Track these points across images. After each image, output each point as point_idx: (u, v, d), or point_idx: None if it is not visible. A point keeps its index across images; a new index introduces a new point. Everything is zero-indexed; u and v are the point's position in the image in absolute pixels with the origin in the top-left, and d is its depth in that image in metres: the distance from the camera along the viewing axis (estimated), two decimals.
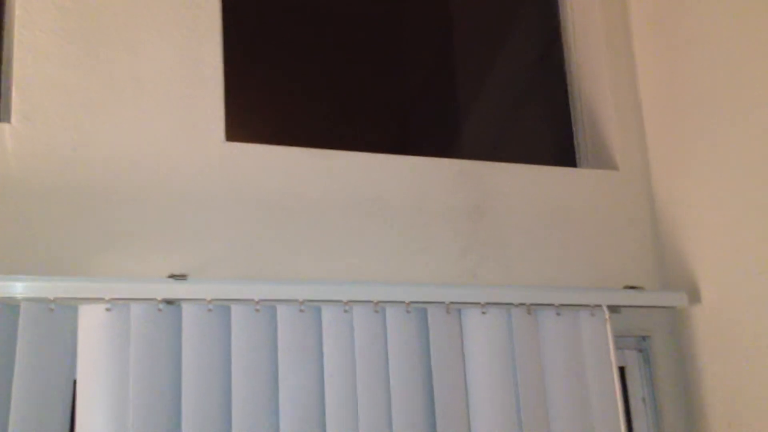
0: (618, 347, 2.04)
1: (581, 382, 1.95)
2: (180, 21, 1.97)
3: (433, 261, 2.04)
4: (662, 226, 2.21)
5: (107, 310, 1.63)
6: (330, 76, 2.34)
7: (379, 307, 1.84)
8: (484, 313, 1.93)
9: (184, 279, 1.72)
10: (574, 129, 2.44)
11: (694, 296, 2.07)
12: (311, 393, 1.74)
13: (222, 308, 1.72)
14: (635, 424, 2.10)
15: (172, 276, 1.72)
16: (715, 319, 2.02)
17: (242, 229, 1.88)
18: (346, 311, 1.81)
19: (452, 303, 1.91)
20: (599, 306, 2.00)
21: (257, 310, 1.74)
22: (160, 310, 1.67)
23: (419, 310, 1.89)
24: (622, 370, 2.13)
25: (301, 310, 1.78)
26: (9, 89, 1.80)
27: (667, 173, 2.22)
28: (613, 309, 2.03)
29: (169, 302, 1.69)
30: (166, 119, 1.90)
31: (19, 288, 1.59)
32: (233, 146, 1.94)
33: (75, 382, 1.62)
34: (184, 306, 1.69)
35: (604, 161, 2.32)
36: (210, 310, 1.70)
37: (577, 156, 2.41)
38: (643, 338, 2.15)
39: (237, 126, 2.01)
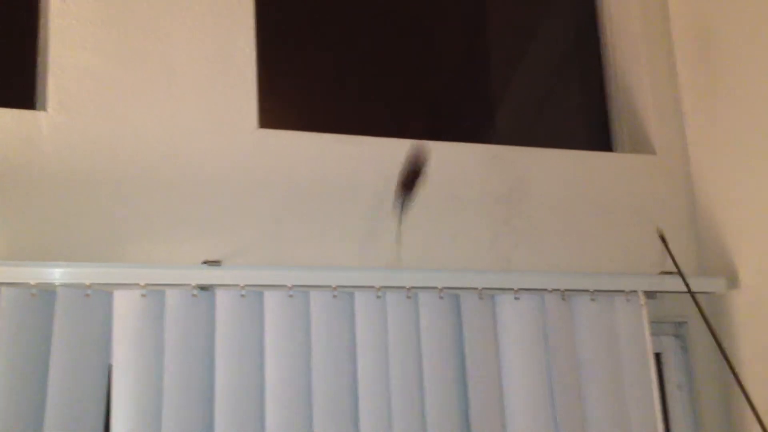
0: (654, 333, 2.02)
1: (616, 369, 1.93)
2: (213, 8, 1.98)
3: (466, 247, 2.03)
4: (700, 211, 2.17)
5: (142, 295, 1.65)
6: (363, 63, 2.33)
7: (411, 293, 1.84)
8: (517, 299, 1.91)
9: (218, 265, 1.73)
10: (610, 113, 2.40)
11: (733, 281, 2.03)
12: (344, 379, 1.74)
13: (255, 294, 1.73)
14: (671, 411, 2.08)
15: (206, 262, 1.74)
16: (753, 304, 1.99)
17: (275, 216, 1.88)
18: (378, 297, 1.81)
19: (485, 289, 1.90)
20: (635, 292, 1.98)
21: (290, 296, 1.74)
22: (194, 295, 1.68)
23: (452, 296, 1.88)
24: (658, 357, 2.10)
25: (334, 296, 1.78)
26: (45, 78, 1.82)
27: (705, 157, 2.18)
28: (649, 295, 2.01)
29: (203, 288, 1.71)
30: (199, 107, 1.91)
31: (56, 274, 1.61)
32: (266, 133, 1.95)
33: (110, 367, 1.64)
34: (218, 292, 1.71)
35: (642, 145, 2.28)
36: (243, 296, 1.71)
37: (613, 140, 2.37)
38: (680, 324, 2.12)
39: (270, 113, 2.02)
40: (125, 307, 1.65)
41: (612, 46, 2.42)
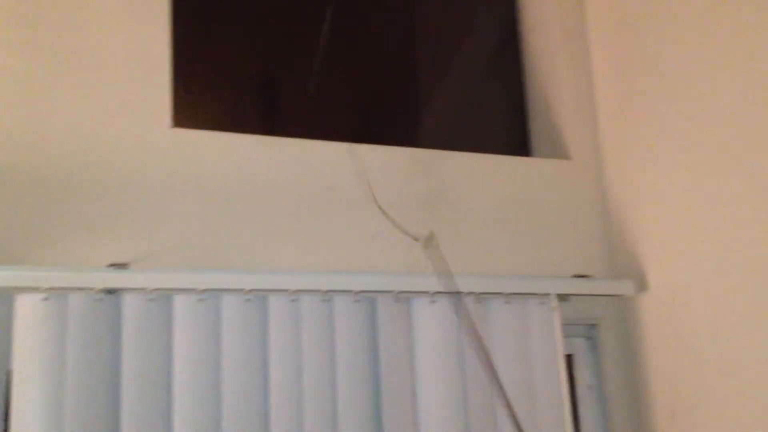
0: (566, 335, 2.06)
1: (528, 370, 1.96)
2: (127, 6, 1.93)
3: (384, 250, 2.03)
4: (612, 215, 2.22)
5: (44, 299, 1.60)
6: (288, 64, 2.32)
7: (326, 296, 1.83)
8: (433, 302, 1.92)
9: (125, 268, 1.69)
10: (529, 119, 2.45)
11: (642, 284, 2.09)
12: (256, 384, 1.72)
13: (164, 298, 1.70)
14: (582, 412, 2.12)
15: (112, 265, 1.70)
16: (661, 306, 2.04)
17: (187, 218, 1.85)
18: (293, 301, 1.80)
19: (401, 292, 1.91)
20: (548, 294, 2.01)
21: (200, 300, 1.72)
22: (99, 299, 1.64)
23: (368, 299, 1.88)
24: (570, 358, 2.15)
25: (247, 300, 1.76)
26: None
27: (618, 163, 2.23)
28: (562, 297, 2.04)
29: (110, 292, 1.67)
30: (111, 105, 1.86)
31: None
32: (180, 132, 1.91)
33: (10, 373, 1.58)
34: (124, 296, 1.66)
35: (557, 151, 2.33)
36: (151, 299, 1.68)
37: (531, 145, 2.41)
38: (592, 326, 2.16)
39: (185, 112, 1.98)
40: (27, 312, 1.60)
41: (531, 55, 2.46)
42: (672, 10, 2.03)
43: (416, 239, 2.00)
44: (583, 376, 2.15)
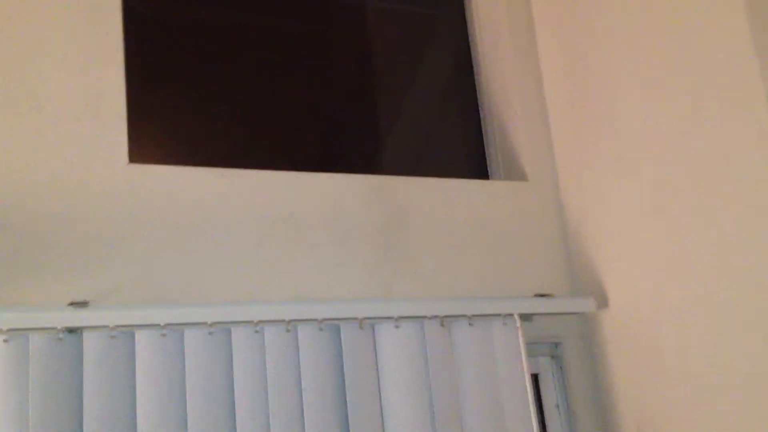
0: (531, 355, 2.08)
1: (495, 391, 1.98)
2: (81, 42, 1.94)
3: (347, 277, 2.04)
4: (570, 234, 2.26)
5: (5, 341, 1.58)
6: (244, 95, 2.33)
7: (290, 325, 1.84)
8: (397, 327, 1.93)
9: (86, 306, 1.68)
10: (486, 143, 2.49)
11: (602, 301, 2.12)
12: (222, 417, 1.71)
13: (126, 334, 1.69)
14: (550, 428, 2.14)
15: (72, 303, 1.68)
16: (622, 322, 2.07)
17: (148, 253, 1.85)
18: (256, 332, 1.80)
19: (365, 318, 1.92)
20: (511, 315, 2.03)
21: (163, 335, 1.71)
22: (60, 339, 1.63)
23: (332, 326, 1.89)
24: (536, 377, 2.17)
25: (210, 333, 1.76)
26: None
27: (574, 182, 2.27)
28: (525, 317, 2.07)
29: (71, 331, 1.66)
30: (66, 142, 1.86)
31: None
32: (137, 168, 1.91)
33: None
34: (86, 334, 1.65)
35: (515, 173, 2.37)
36: (113, 336, 1.67)
37: (489, 168, 2.45)
38: (556, 345, 2.18)
39: (141, 148, 1.99)
40: None
41: (486, 80, 2.51)
42: (621, 35, 2.09)
43: None
44: (550, 395, 2.17)
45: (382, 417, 1.88)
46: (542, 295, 2.13)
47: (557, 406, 2.15)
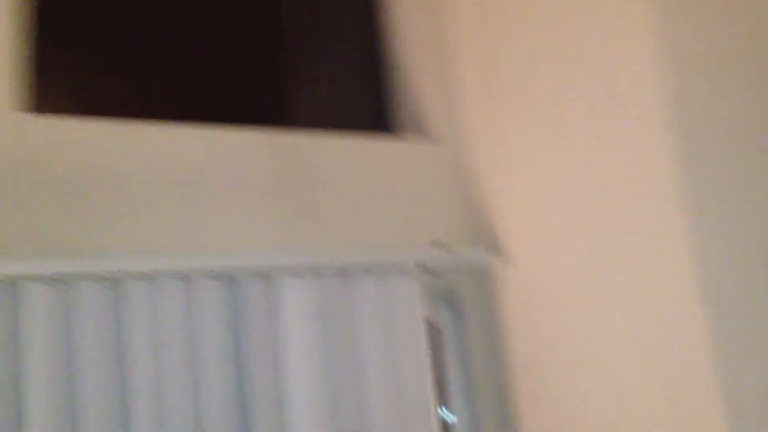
0: (430, 306, 2.11)
1: (394, 342, 2.00)
2: None
3: (247, 232, 2.01)
4: (474, 189, 2.29)
5: None
6: (148, 47, 2.25)
7: (187, 277, 1.80)
8: (297, 278, 1.93)
9: None
10: (395, 101, 2.48)
11: (501, 253, 2.16)
12: (113, 371, 1.67)
13: (11, 287, 1.62)
14: (449, 381, 2.18)
15: None
16: (520, 274, 2.12)
17: (40, 206, 1.77)
18: (151, 283, 1.76)
19: (265, 270, 1.90)
20: (411, 266, 2.06)
21: (53, 288, 1.65)
22: None
23: (231, 279, 1.86)
24: (435, 329, 2.20)
25: (102, 285, 1.70)
26: None
27: (477, 137, 2.30)
28: (425, 269, 2.09)
29: None
30: None
31: None
32: (29, 119, 1.82)
33: None
34: None
35: (420, 129, 2.38)
36: None
37: (394, 125, 2.45)
38: (455, 296, 2.22)
39: (35, 98, 1.90)
40: None
41: (395, 35, 2.50)
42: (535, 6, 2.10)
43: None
44: (449, 346, 2.21)
45: (282, 367, 1.87)
46: (443, 248, 2.16)
47: (456, 356, 2.19)
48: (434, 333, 2.17)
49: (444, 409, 2.17)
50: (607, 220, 1.82)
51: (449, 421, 2.18)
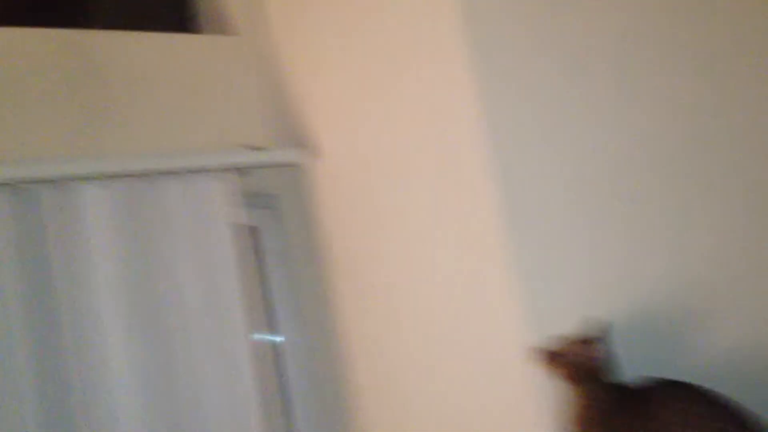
0: (248, 207, 2.10)
1: (210, 246, 1.98)
2: None
3: (45, 138, 1.89)
4: (284, 87, 2.26)
5: None
6: None
7: None
8: (103, 187, 1.85)
9: None
10: None
11: (315, 152, 2.17)
12: None
13: None
14: (271, 279, 2.20)
15: None
16: (335, 172, 2.14)
17: None
18: None
19: (66, 178, 1.80)
20: (224, 168, 2.02)
21: None
22: None
23: (28, 190, 1.75)
24: (255, 229, 2.20)
25: None
26: None
27: (284, 33, 2.25)
28: (239, 170, 2.06)
29: None
30: None
31: None
32: None
33: None
34: None
35: (224, 26, 2.30)
36: None
37: (197, 21, 2.36)
38: (272, 197, 2.21)
39: None
40: None
41: None
42: None
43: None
44: (269, 246, 2.21)
45: (90, 280, 1.80)
46: (255, 148, 2.13)
47: (277, 255, 2.21)
48: (252, 235, 2.17)
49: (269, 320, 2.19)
50: (418, 110, 1.85)
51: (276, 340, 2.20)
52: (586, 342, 1.40)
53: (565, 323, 1.46)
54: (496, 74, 1.63)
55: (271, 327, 2.18)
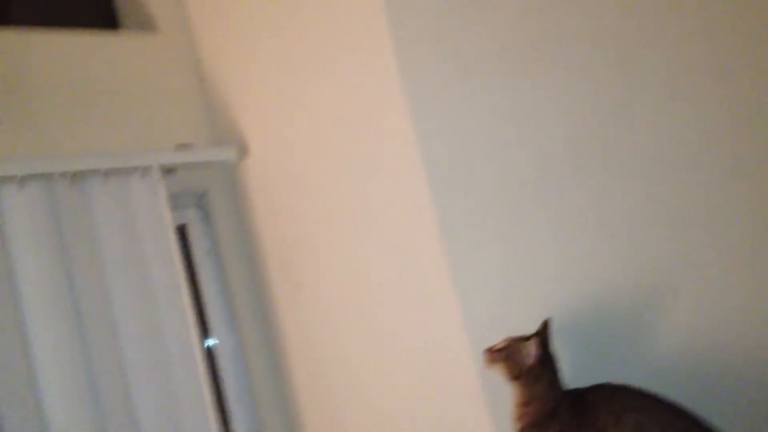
0: (177, 207, 2.07)
1: (138, 246, 1.94)
2: None
3: None
4: (209, 84, 2.24)
5: None
6: None
7: None
8: (22, 187, 1.80)
9: None
10: None
11: (244, 150, 2.15)
12: None
13: None
14: (202, 277, 2.17)
15: None
16: (263, 169, 2.13)
17: None
18: None
19: None
20: (150, 167, 1.99)
21: None
22: None
23: None
24: (184, 229, 2.17)
25: None
26: None
27: (208, 31, 2.23)
28: (166, 169, 2.03)
29: None
30: None
31: None
32: None
33: None
34: None
35: (145, 23, 2.26)
36: None
37: (118, 19, 2.31)
38: (201, 195, 2.19)
39: None
40: None
41: None
42: None
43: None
44: (199, 244, 2.19)
45: (15, 288, 1.75)
46: (182, 146, 2.10)
47: (207, 253, 2.18)
48: (180, 235, 2.14)
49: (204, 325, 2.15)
50: (334, 106, 1.84)
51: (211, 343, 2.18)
52: (525, 341, 1.41)
53: (509, 320, 1.46)
54: (423, 69, 1.63)
55: (204, 329, 2.15)
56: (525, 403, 1.40)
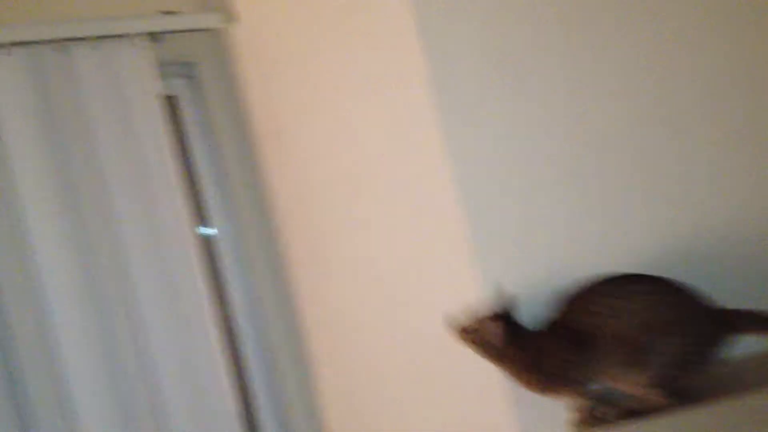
0: (166, 76, 2.03)
1: (127, 116, 1.92)
2: None
3: None
4: None
5: None
6: None
7: None
8: (8, 55, 1.75)
9: None
10: None
11: (232, 16, 2.09)
12: None
13: None
14: (192, 146, 2.15)
15: None
16: (253, 36, 2.08)
17: None
18: None
19: None
20: (138, 34, 1.94)
21: None
22: None
23: None
24: (173, 99, 2.14)
25: None
26: None
27: None
28: (154, 36, 1.98)
29: None
30: None
31: None
32: None
33: None
34: None
35: None
36: None
37: None
38: (190, 65, 2.14)
39: None
40: None
41: None
42: None
43: None
44: (189, 115, 2.16)
45: (7, 157, 1.74)
46: (169, 13, 2.04)
47: (197, 124, 2.16)
48: (170, 106, 2.10)
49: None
50: None
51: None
52: (491, 318, 1.34)
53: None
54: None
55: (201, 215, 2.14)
56: (510, 362, 1.35)
